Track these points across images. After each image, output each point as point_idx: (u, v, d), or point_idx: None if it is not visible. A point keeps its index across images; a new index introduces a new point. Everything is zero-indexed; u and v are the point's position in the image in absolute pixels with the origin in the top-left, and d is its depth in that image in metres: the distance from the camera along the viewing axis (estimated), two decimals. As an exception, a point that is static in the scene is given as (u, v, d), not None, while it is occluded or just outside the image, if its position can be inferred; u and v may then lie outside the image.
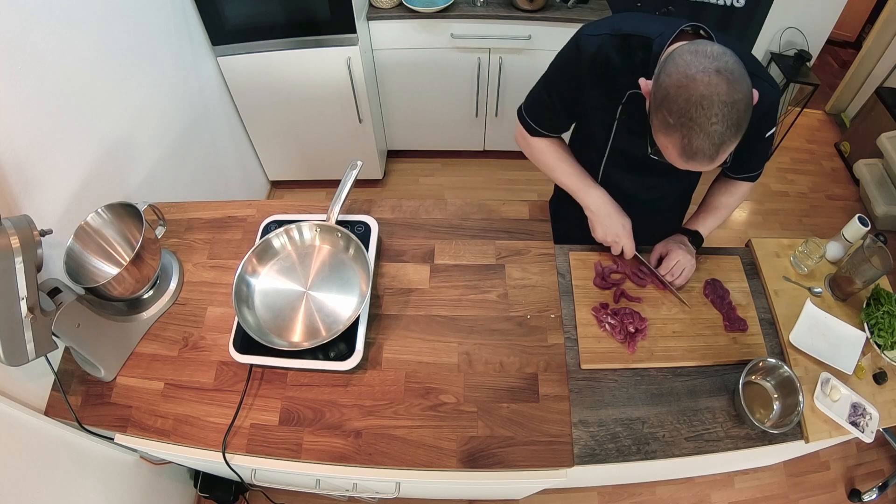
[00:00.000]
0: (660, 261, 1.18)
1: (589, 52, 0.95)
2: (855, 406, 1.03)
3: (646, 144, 0.99)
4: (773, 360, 1.04)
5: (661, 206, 1.25)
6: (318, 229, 1.16)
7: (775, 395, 1.06)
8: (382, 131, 2.62)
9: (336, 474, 1.03)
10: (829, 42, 2.80)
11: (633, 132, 1.03)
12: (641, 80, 0.85)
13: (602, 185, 1.20)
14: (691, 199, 1.35)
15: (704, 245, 1.25)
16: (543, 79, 1.09)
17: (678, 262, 1.13)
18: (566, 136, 1.24)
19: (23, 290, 0.87)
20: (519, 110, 1.17)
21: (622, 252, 1.15)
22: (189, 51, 1.81)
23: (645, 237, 1.25)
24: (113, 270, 1.12)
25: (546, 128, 1.14)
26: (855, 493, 1.80)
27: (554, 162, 1.17)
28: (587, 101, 1.04)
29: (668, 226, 1.34)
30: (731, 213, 1.21)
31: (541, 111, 1.12)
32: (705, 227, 1.19)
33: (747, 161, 1.10)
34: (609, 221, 1.12)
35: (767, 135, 1.02)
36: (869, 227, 1.17)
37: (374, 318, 1.13)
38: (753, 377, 1.07)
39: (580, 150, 1.22)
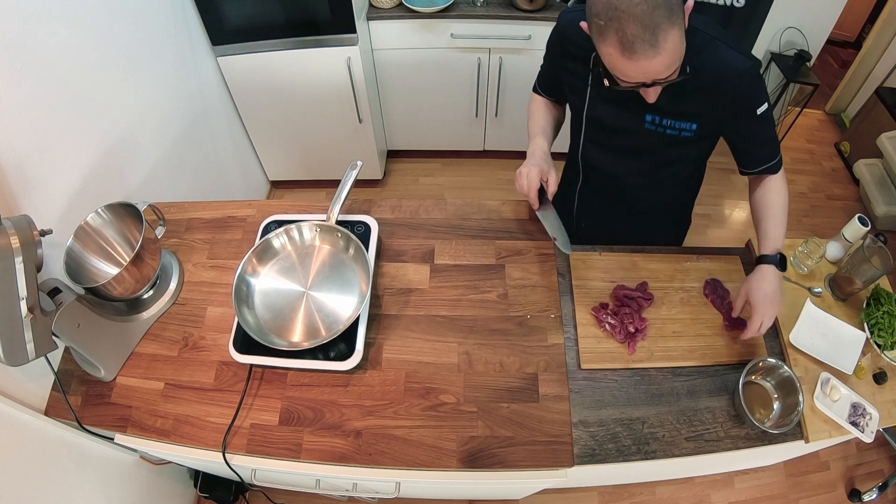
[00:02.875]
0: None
1: (564, 23, 1.04)
2: (855, 406, 1.03)
3: (616, 110, 1.04)
4: (773, 360, 1.04)
5: (650, 198, 1.22)
6: (318, 229, 1.16)
7: (775, 395, 1.06)
8: (382, 131, 2.62)
9: (336, 474, 1.03)
10: (829, 42, 2.80)
11: (606, 100, 1.04)
12: (581, 23, 0.88)
13: (585, 170, 1.23)
14: (693, 198, 1.33)
15: (704, 245, 1.26)
16: None
17: (763, 323, 0.99)
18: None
19: (23, 290, 0.87)
20: None
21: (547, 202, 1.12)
22: (189, 51, 1.81)
23: (647, 236, 1.25)
24: (113, 270, 1.12)
25: (541, 86, 1.24)
26: (855, 493, 1.80)
27: (533, 112, 1.23)
28: (565, 74, 1.10)
29: (670, 225, 1.34)
30: (786, 211, 1.11)
31: (540, 76, 1.24)
32: (775, 240, 1.07)
33: (753, 148, 1.07)
34: (529, 160, 1.10)
35: (760, 111, 0.98)
36: (869, 227, 1.17)
37: (374, 318, 1.13)
38: (753, 377, 1.07)
39: (571, 140, 1.24)
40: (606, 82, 0.90)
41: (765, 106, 0.98)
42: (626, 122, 1.05)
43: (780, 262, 1.04)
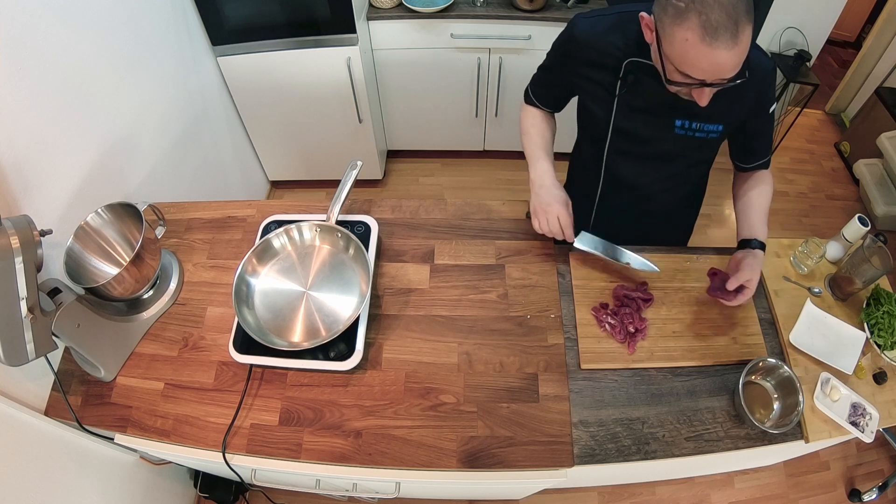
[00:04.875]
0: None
1: (582, 31, 1.01)
2: (855, 406, 1.03)
3: (645, 119, 1.02)
4: (773, 360, 1.04)
5: (671, 197, 1.22)
6: (318, 229, 1.16)
7: (775, 395, 1.06)
8: (382, 131, 2.62)
9: (336, 474, 1.03)
10: (829, 42, 2.80)
11: (633, 108, 1.03)
12: (642, 14, 0.86)
13: (607, 181, 1.20)
14: (704, 195, 1.33)
15: (705, 245, 1.26)
16: (544, 59, 1.16)
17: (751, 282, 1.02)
18: (571, 139, 1.25)
19: (23, 290, 0.87)
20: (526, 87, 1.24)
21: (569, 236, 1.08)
22: (189, 51, 1.81)
23: (660, 237, 1.25)
24: (113, 270, 1.12)
25: (538, 98, 1.20)
26: (855, 493, 1.80)
27: (529, 129, 1.19)
28: (585, 83, 1.06)
29: (683, 220, 1.35)
30: (768, 206, 1.13)
31: (537, 85, 1.20)
32: (764, 230, 1.09)
33: (756, 145, 1.10)
34: (542, 192, 1.07)
35: (770, 110, 1.03)
36: (869, 227, 1.17)
37: (374, 318, 1.13)
38: (753, 377, 1.07)
39: (584, 148, 1.22)
40: (665, 80, 0.85)
41: (774, 104, 1.02)
42: (656, 130, 1.04)
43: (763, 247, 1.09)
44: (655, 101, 0.98)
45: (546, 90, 1.18)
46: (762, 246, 1.06)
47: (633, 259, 1.13)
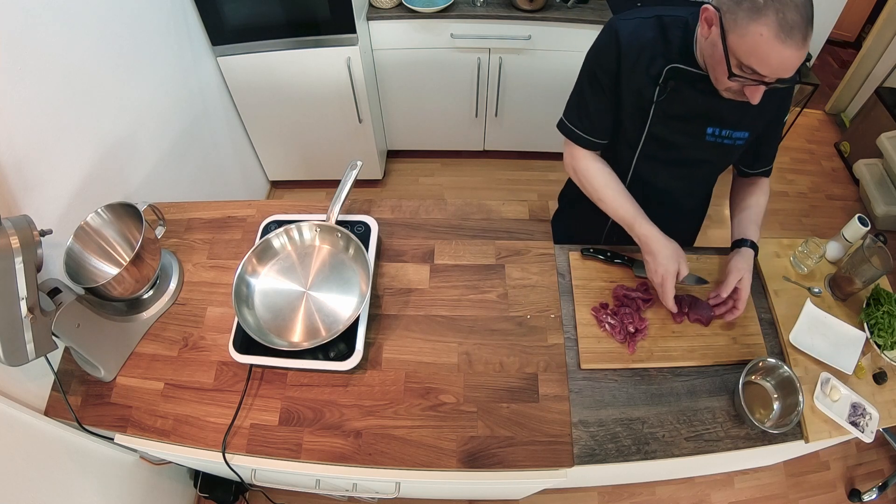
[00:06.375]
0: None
1: (626, 33, 0.97)
2: (855, 406, 1.03)
3: (678, 126, 1.02)
4: (773, 360, 1.04)
5: (690, 200, 1.24)
6: (318, 229, 1.16)
7: (775, 395, 1.06)
8: (382, 131, 2.62)
9: (336, 474, 1.03)
10: (829, 42, 2.80)
11: (669, 115, 1.01)
12: (706, 6, 0.84)
13: (634, 183, 1.17)
14: (711, 198, 1.35)
15: (705, 245, 1.26)
16: (580, 77, 1.07)
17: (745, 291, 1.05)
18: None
19: (23, 290, 0.87)
20: (560, 123, 1.12)
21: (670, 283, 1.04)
22: (189, 51, 1.81)
23: (672, 234, 1.26)
24: (113, 270, 1.12)
25: (592, 131, 1.08)
26: (855, 493, 1.80)
27: (602, 182, 1.10)
28: (624, 88, 1.02)
29: (694, 221, 1.39)
30: (763, 214, 1.16)
31: (584, 111, 1.07)
32: (757, 232, 1.12)
33: (766, 151, 1.11)
34: (651, 258, 1.04)
35: (785, 118, 1.05)
36: (869, 227, 1.17)
37: (374, 318, 1.13)
38: (753, 377, 1.07)
39: (609, 151, 1.17)
40: (729, 75, 0.83)
41: (787, 114, 1.04)
42: (688, 137, 1.04)
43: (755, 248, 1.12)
44: (691, 108, 0.99)
45: (597, 110, 1.06)
46: (754, 246, 1.09)
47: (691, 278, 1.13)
